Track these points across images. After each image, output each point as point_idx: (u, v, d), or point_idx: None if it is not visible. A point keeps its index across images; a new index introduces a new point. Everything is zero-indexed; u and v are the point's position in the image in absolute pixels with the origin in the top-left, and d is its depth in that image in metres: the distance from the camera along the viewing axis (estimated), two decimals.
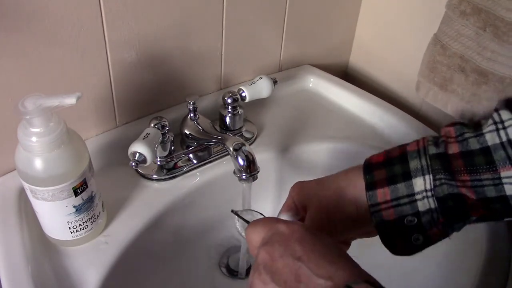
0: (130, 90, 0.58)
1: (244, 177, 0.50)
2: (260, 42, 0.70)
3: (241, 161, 0.50)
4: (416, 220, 0.38)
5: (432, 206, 0.38)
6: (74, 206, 0.44)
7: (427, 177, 0.38)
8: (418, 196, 0.38)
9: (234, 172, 0.51)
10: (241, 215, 0.44)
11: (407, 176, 0.39)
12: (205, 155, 0.60)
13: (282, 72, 0.76)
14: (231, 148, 0.50)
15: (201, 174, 0.59)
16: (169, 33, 0.58)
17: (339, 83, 0.75)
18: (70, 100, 0.38)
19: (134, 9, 0.53)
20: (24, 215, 0.49)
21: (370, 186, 0.40)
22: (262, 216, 0.43)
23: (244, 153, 0.50)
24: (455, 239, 0.54)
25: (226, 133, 0.60)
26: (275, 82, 0.64)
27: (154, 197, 0.54)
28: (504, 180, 0.35)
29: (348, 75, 0.89)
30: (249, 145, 0.61)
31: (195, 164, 0.59)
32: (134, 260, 0.50)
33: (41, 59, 0.49)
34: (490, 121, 0.37)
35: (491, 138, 0.36)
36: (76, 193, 0.44)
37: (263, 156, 0.60)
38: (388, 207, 0.39)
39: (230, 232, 0.63)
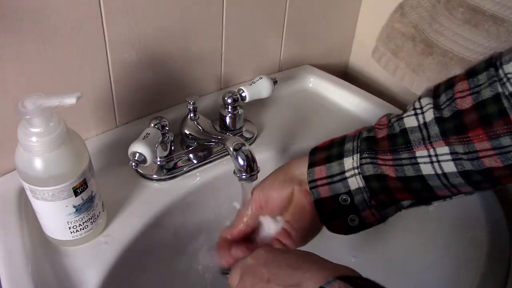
0: (130, 90, 0.58)
1: (244, 177, 0.50)
2: (260, 42, 0.70)
3: (241, 161, 0.49)
4: (349, 199, 0.42)
5: (361, 184, 0.41)
6: (74, 206, 0.44)
7: (355, 156, 0.42)
8: (347, 174, 0.42)
9: (234, 172, 0.51)
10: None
11: (340, 156, 0.43)
12: (205, 155, 0.60)
13: (282, 72, 0.76)
14: (231, 148, 0.50)
15: (201, 174, 0.59)
16: (169, 33, 0.58)
17: (339, 83, 0.75)
18: (70, 100, 0.38)
19: (134, 9, 0.53)
20: (24, 215, 0.49)
21: (311, 165, 0.45)
22: None
23: (244, 153, 0.50)
24: (455, 239, 0.54)
25: (226, 133, 0.60)
26: (275, 82, 0.64)
27: (154, 197, 0.54)
28: (419, 160, 0.38)
29: (348, 75, 0.89)
30: (249, 145, 0.61)
31: (195, 164, 0.59)
32: (134, 260, 0.50)
33: (41, 59, 0.49)
34: (411, 107, 0.40)
35: (408, 121, 0.39)
36: (76, 193, 0.44)
37: (263, 156, 0.60)
38: (324, 184, 0.43)
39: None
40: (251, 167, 0.50)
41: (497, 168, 0.35)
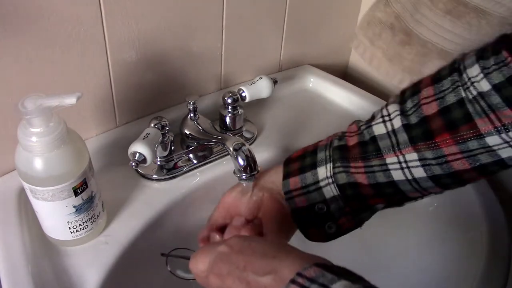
0: (130, 90, 0.59)
1: (244, 177, 0.50)
2: (260, 42, 0.70)
3: (241, 161, 0.49)
4: (325, 208, 0.43)
5: (335, 193, 0.42)
6: (74, 206, 0.44)
7: (328, 165, 0.42)
8: (322, 183, 0.43)
9: (234, 172, 0.51)
10: (174, 254, 0.48)
11: (314, 166, 0.43)
12: (205, 155, 0.60)
13: (282, 72, 0.76)
14: (231, 148, 0.50)
15: (201, 174, 0.59)
16: (169, 33, 0.58)
17: (339, 83, 0.75)
18: (70, 100, 0.38)
19: (134, 9, 0.53)
20: (24, 215, 0.49)
21: (285, 176, 0.45)
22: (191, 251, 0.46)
23: (244, 153, 0.50)
24: (455, 239, 0.54)
25: (226, 133, 0.60)
26: (275, 82, 0.64)
27: (154, 197, 0.54)
28: (389, 166, 0.39)
29: (348, 75, 0.89)
30: (249, 145, 0.61)
31: (195, 164, 0.59)
32: (134, 260, 0.50)
33: (41, 59, 0.49)
34: (379, 115, 0.41)
35: (377, 129, 0.40)
36: (76, 193, 0.44)
37: (263, 156, 0.60)
38: (300, 194, 0.44)
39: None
40: (251, 167, 0.50)
41: (466, 171, 0.36)
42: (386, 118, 0.40)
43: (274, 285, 0.30)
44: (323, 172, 0.43)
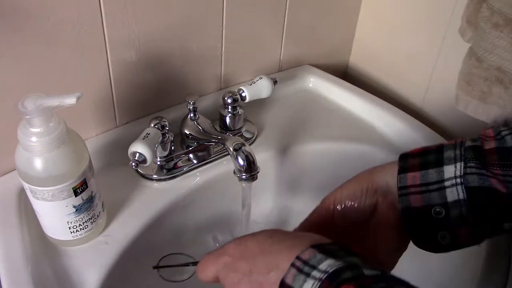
0: (130, 90, 0.59)
1: (244, 177, 0.50)
2: (260, 42, 0.70)
3: (241, 161, 0.50)
4: (444, 212, 0.37)
5: (461, 196, 0.36)
6: (74, 206, 0.44)
7: (458, 164, 0.37)
8: (447, 183, 0.37)
9: (234, 172, 0.51)
10: (167, 263, 0.48)
11: (439, 163, 0.38)
12: (205, 155, 0.60)
13: (282, 72, 0.76)
14: (231, 148, 0.50)
15: (201, 174, 0.59)
16: (169, 33, 0.58)
17: (339, 83, 0.75)
18: (70, 100, 0.38)
19: (134, 9, 0.53)
20: (24, 215, 0.49)
21: (402, 170, 0.39)
22: (182, 255, 0.47)
23: (244, 153, 0.50)
24: None
25: (226, 133, 0.60)
26: (275, 82, 0.64)
27: (154, 197, 0.54)
28: None
29: (348, 75, 0.89)
30: (249, 145, 0.61)
31: (195, 164, 0.59)
32: (134, 260, 0.50)
33: (41, 59, 0.49)
34: None
35: None
36: (76, 193, 0.44)
37: (263, 156, 0.60)
38: (417, 192, 0.38)
39: (230, 232, 0.63)
40: (251, 167, 0.50)
41: None
42: None
43: (278, 279, 0.30)
44: (451, 170, 0.37)
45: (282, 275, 0.30)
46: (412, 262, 0.55)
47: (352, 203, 0.41)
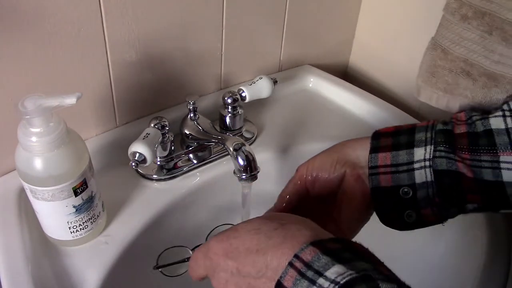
0: (130, 90, 0.59)
1: (244, 177, 0.50)
2: (260, 42, 0.70)
3: (241, 161, 0.50)
4: (411, 192, 0.39)
5: (429, 179, 0.38)
6: (74, 206, 0.44)
7: (428, 147, 0.38)
8: (416, 165, 0.39)
9: (234, 172, 0.51)
10: (166, 260, 0.47)
11: (410, 145, 0.39)
12: (205, 155, 0.60)
13: (282, 72, 0.76)
14: (231, 148, 0.50)
15: (201, 174, 0.59)
16: (169, 33, 0.58)
17: (339, 83, 0.75)
18: (70, 100, 0.38)
19: (134, 9, 0.53)
20: (24, 215, 0.49)
21: (374, 150, 0.41)
22: (183, 248, 0.46)
23: (244, 153, 0.50)
24: (455, 238, 0.54)
25: (226, 133, 0.60)
26: (275, 82, 0.64)
27: (154, 197, 0.54)
28: (502, 165, 0.36)
29: (348, 75, 0.89)
30: (249, 145, 0.61)
31: (195, 164, 0.59)
32: (134, 260, 0.50)
33: (41, 59, 0.49)
34: (499, 109, 0.37)
35: (495, 122, 0.37)
36: (76, 193, 0.44)
37: (263, 156, 0.60)
38: (387, 172, 0.40)
39: None
40: (251, 167, 0.50)
41: None
42: (508, 113, 0.37)
43: (269, 280, 0.29)
44: (420, 153, 0.39)
45: (275, 275, 0.28)
46: (412, 263, 0.56)
47: (322, 173, 0.43)
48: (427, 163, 0.38)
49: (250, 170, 0.50)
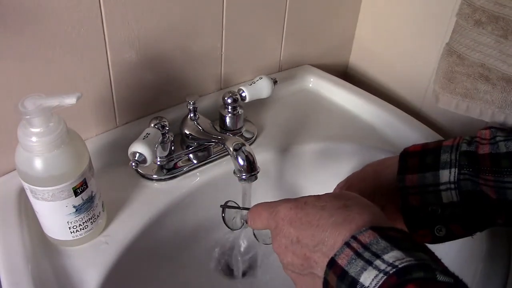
0: (130, 90, 0.59)
1: (244, 177, 0.50)
2: (260, 42, 0.70)
3: (241, 161, 0.50)
4: (439, 210, 0.40)
5: (455, 199, 0.40)
6: (74, 206, 0.44)
7: (453, 170, 0.40)
8: (442, 187, 0.40)
9: (234, 172, 0.51)
10: (230, 205, 0.49)
11: (435, 167, 0.41)
12: (205, 155, 0.60)
13: (282, 72, 0.76)
14: (231, 148, 0.50)
15: (201, 174, 0.59)
16: (169, 33, 0.58)
17: (339, 83, 0.75)
18: (70, 100, 0.38)
19: (134, 9, 0.53)
20: (24, 215, 0.49)
21: (401, 170, 0.43)
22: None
23: (244, 153, 0.50)
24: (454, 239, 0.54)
25: (226, 133, 0.60)
26: (275, 82, 0.64)
27: (154, 197, 0.54)
28: None
29: (348, 75, 0.89)
30: (249, 145, 0.61)
31: (195, 164, 0.59)
32: (134, 260, 0.50)
33: (41, 59, 0.49)
34: None
35: None
36: (76, 193, 0.44)
37: (263, 156, 0.60)
38: (415, 193, 0.41)
39: (230, 232, 0.63)
40: (251, 167, 0.50)
41: None
42: None
43: (324, 256, 0.30)
44: (446, 176, 0.40)
45: (330, 252, 0.29)
46: None
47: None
48: (452, 185, 0.40)
49: (250, 170, 0.50)
